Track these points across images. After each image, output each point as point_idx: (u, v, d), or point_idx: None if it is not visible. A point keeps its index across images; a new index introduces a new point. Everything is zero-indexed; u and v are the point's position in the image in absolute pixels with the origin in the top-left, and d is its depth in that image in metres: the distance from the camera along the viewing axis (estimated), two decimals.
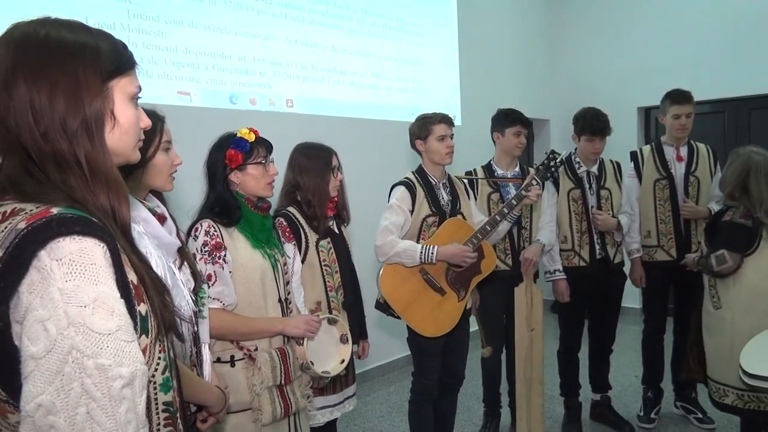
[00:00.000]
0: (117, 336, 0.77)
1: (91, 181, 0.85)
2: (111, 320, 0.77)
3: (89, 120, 0.85)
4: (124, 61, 0.92)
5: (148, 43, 3.08)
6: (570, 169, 3.19)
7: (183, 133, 2.45)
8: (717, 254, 2.54)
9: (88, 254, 0.77)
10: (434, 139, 2.56)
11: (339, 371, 2.04)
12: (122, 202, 0.88)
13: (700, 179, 3.25)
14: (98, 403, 0.74)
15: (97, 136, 0.86)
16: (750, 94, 5.02)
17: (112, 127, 0.89)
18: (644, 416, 3.39)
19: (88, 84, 0.86)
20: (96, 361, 0.74)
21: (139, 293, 0.85)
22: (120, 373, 0.76)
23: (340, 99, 4.05)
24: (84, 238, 0.78)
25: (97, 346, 0.75)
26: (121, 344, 0.77)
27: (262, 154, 1.86)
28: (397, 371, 4.32)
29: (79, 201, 0.83)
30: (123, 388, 0.76)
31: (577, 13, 5.93)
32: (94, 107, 0.86)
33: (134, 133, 0.94)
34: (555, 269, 3.15)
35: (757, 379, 1.96)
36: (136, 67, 0.96)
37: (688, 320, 3.34)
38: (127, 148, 0.94)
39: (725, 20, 5.06)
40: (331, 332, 2.06)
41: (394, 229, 2.46)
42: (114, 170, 0.88)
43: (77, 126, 0.84)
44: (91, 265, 0.77)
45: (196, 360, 1.41)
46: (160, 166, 1.38)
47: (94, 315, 0.75)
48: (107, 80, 0.89)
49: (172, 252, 1.35)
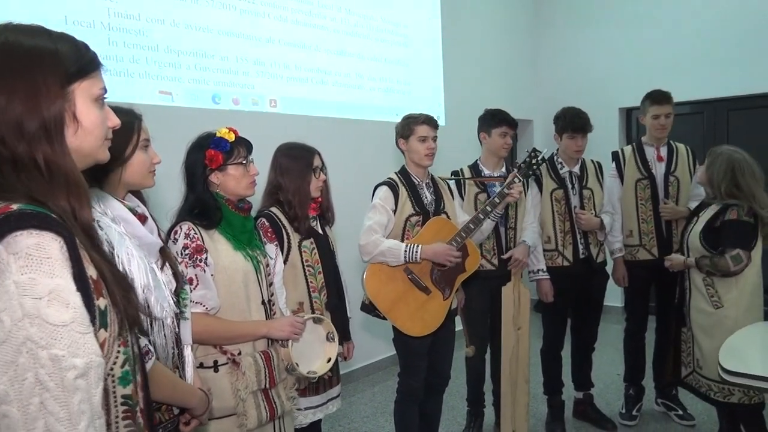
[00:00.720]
0: (71, 327, 0.78)
1: (51, 183, 0.87)
2: (66, 312, 0.78)
3: (48, 123, 0.87)
4: (86, 63, 0.93)
5: (129, 42, 3.04)
6: (552, 170, 3.21)
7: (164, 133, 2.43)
8: (732, 254, 2.55)
9: (44, 248, 0.79)
10: (416, 139, 2.56)
11: (326, 370, 2.02)
12: (83, 204, 0.89)
13: (680, 179, 3.29)
14: (51, 393, 0.76)
15: (57, 138, 0.88)
16: (728, 95, 5.11)
17: (75, 130, 0.91)
18: (626, 413, 3.43)
19: (47, 88, 0.87)
20: (50, 352, 0.76)
21: (98, 288, 0.87)
22: (74, 363, 0.78)
23: (324, 99, 4.03)
24: (41, 232, 0.80)
25: (51, 337, 0.77)
26: (75, 336, 0.79)
27: (242, 154, 1.83)
28: (381, 371, 4.32)
29: (39, 200, 0.85)
30: (77, 379, 0.78)
31: (560, 14, 5.98)
32: (53, 111, 0.87)
33: (99, 134, 0.95)
34: (539, 269, 3.17)
35: (734, 376, 1.99)
36: (100, 68, 0.97)
37: (669, 319, 3.39)
38: (93, 149, 0.95)
39: (705, 23, 5.14)
40: (317, 331, 2.04)
41: (378, 228, 2.46)
42: (75, 172, 0.89)
43: (35, 129, 0.85)
44: (47, 259, 0.79)
45: (178, 362, 1.40)
46: (139, 164, 1.37)
47: (49, 307, 0.77)
48: (68, 84, 0.90)
49: (154, 252, 1.34)
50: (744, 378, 1.98)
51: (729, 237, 2.59)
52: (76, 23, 2.80)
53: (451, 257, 2.47)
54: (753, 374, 1.97)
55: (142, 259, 1.24)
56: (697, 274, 2.72)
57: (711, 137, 5.29)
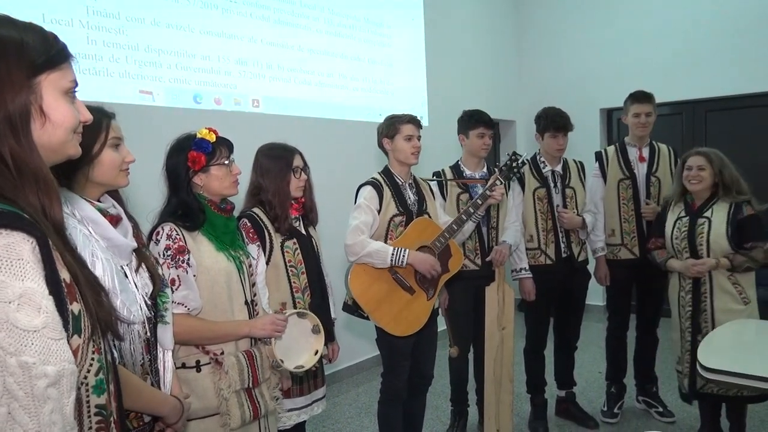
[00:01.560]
0: (43, 333, 0.74)
1: (19, 179, 0.82)
2: (37, 317, 0.74)
3: (13, 116, 0.82)
4: (54, 55, 0.89)
5: (108, 41, 3.00)
6: (535, 169, 3.24)
7: (145, 133, 2.40)
8: (766, 247, 2.62)
9: (15, 249, 0.75)
10: (401, 138, 2.57)
11: (313, 363, 2.01)
12: (53, 201, 0.85)
13: (661, 180, 3.33)
14: (20, 403, 0.72)
15: (23, 132, 0.83)
16: (707, 96, 5.19)
17: (42, 124, 0.86)
18: (608, 411, 3.46)
19: (11, 80, 0.83)
20: (19, 359, 0.72)
21: (72, 292, 0.83)
22: (45, 371, 0.74)
23: (307, 99, 4.02)
24: (11, 232, 0.76)
25: (21, 344, 0.73)
26: (47, 342, 0.75)
27: (224, 154, 1.82)
28: (365, 372, 4.32)
29: (8, 198, 0.80)
30: (48, 388, 0.74)
31: (542, 16, 6.03)
32: (18, 103, 0.83)
33: (68, 128, 0.90)
34: (521, 268, 3.18)
35: (714, 373, 2.02)
36: (70, 59, 0.92)
37: (650, 317, 3.44)
38: (63, 144, 0.90)
39: (685, 26, 5.21)
40: (302, 325, 2.04)
41: (364, 229, 2.45)
42: (43, 168, 0.85)
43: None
44: (18, 261, 0.75)
45: (149, 368, 1.36)
46: (108, 163, 1.32)
47: (19, 311, 0.73)
48: (34, 75, 0.86)
49: (126, 254, 1.30)
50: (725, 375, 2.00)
51: (756, 230, 2.64)
52: (54, 21, 2.76)
53: (434, 271, 2.48)
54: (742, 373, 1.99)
55: (108, 262, 1.20)
56: (721, 274, 2.69)
57: (690, 138, 5.37)
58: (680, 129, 5.44)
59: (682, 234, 2.81)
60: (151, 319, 1.35)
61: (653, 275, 3.18)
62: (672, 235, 2.86)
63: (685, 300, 2.81)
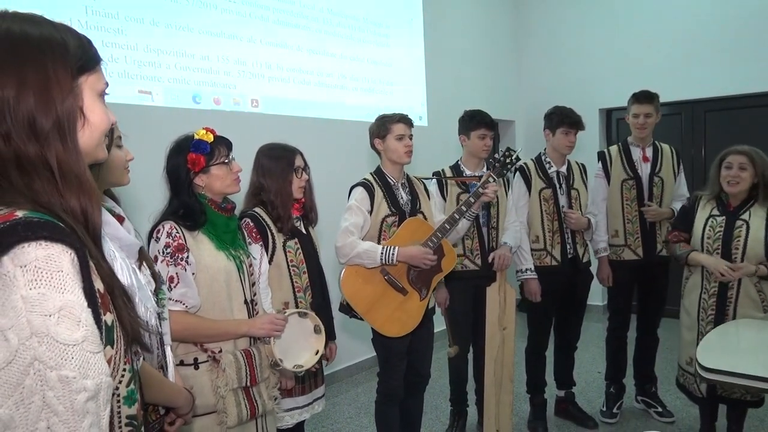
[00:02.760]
0: (83, 347, 0.73)
1: (62, 184, 0.80)
2: (77, 330, 0.73)
3: (62, 119, 0.80)
4: (91, 57, 0.88)
5: (108, 41, 3.00)
6: (541, 169, 3.22)
7: (144, 133, 2.40)
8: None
9: (55, 261, 0.73)
10: (393, 138, 2.56)
11: (313, 363, 2.02)
12: (95, 206, 0.84)
13: (664, 180, 3.33)
14: (60, 418, 0.71)
15: (70, 136, 0.82)
16: (706, 96, 5.19)
17: (83, 126, 0.85)
18: (607, 411, 3.46)
19: (58, 81, 0.81)
20: (59, 373, 0.71)
21: (105, 302, 0.81)
22: (85, 385, 0.73)
23: (306, 99, 4.01)
24: (51, 243, 0.74)
25: (62, 358, 0.72)
26: (86, 355, 0.74)
27: (223, 153, 1.83)
28: (364, 372, 4.31)
29: (44, 206, 0.79)
30: (87, 402, 0.73)
31: (542, 16, 6.03)
32: (67, 106, 0.81)
33: (104, 131, 0.90)
34: (527, 268, 3.16)
35: (714, 373, 2.02)
36: (101, 62, 0.92)
37: (651, 318, 3.43)
38: (98, 147, 0.90)
39: (684, 26, 5.21)
40: (304, 325, 2.04)
41: (354, 230, 2.45)
42: (87, 172, 0.84)
43: (49, 127, 0.79)
44: (58, 273, 0.73)
45: (163, 362, 1.38)
46: (116, 161, 1.36)
47: (59, 325, 0.72)
48: (76, 77, 0.84)
49: (134, 253, 1.31)
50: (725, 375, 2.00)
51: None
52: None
53: (427, 260, 2.47)
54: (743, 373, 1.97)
55: (124, 260, 1.22)
56: (749, 281, 2.60)
57: (689, 138, 5.38)
58: (679, 129, 5.45)
59: (716, 234, 2.69)
60: (160, 314, 1.37)
61: (655, 276, 3.17)
62: (704, 233, 2.72)
63: (708, 303, 2.71)
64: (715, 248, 2.70)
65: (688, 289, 2.84)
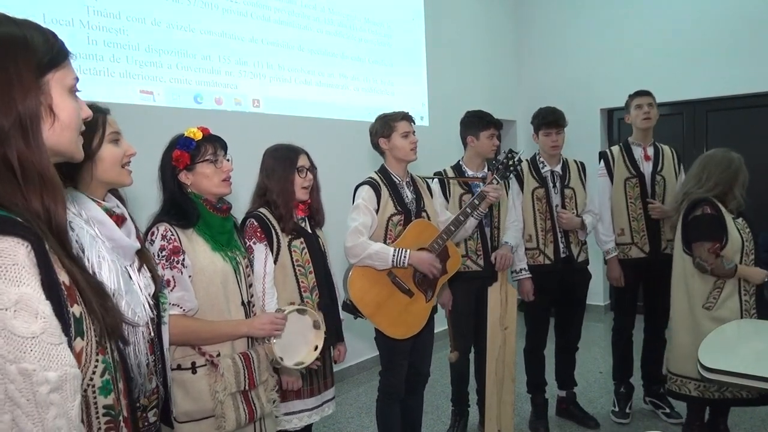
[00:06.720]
0: (42, 339, 0.74)
1: (23, 183, 0.80)
2: (35, 323, 0.74)
3: (23, 118, 0.80)
4: (57, 52, 0.88)
5: (109, 41, 3.00)
6: (534, 169, 3.24)
7: (146, 133, 2.40)
8: None
9: (9, 254, 0.74)
10: (398, 135, 2.56)
11: (313, 359, 2.00)
12: (58, 203, 0.83)
13: (666, 179, 3.33)
14: (23, 410, 0.72)
15: (33, 134, 0.81)
16: (707, 96, 5.19)
17: (51, 124, 0.85)
18: (619, 411, 3.45)
19: (20, 79, 0.81)
20: (19, 366, 0.72)
21: (72, 294, 0.82)
22: (47, 377, 0.73)
23: (307, 99, 4.02)
24: (5, 237, 0.74)
25: (20, 351, 0.72)
26: (47, 347, 0.74)
27: (210, 151, 1.80)
28: (366, 372, 4.32)
29: (2, 204, 0.79)
30: (50, 393, 0.73)
31: (542, 16, 6.03)
32: (28, 104, 0.81)
33: (76, 127, 0.90)
34: (521, 268, 3.18)
35: (714, 373, 2.02)
36: (69, 56, 0.91)
37: (659, 318, 3.41)
38: (71, 144, 0.89)
39: (685, 26, 5.21)
40: (303, 321, 2.03)
41: (364, 230, 2.44)
42: (50, 170, 0.83)
43: (9, 126, 0.79)
44: (12, 266, 0.74)
45: (154, 368, 1.35)
46: (110, 158, 1.32)
47: (17, 318, 0.72)
48: (42, 74, 0.84)
49: (130, 255, 1.29)
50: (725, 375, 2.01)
51: None
52: (55, 21, 2.76)
53: (435, 269, 2.47)
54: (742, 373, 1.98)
55: (113, 263, 1.20)
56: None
57: (690, 138, 5.37)
58: (680, 129, 5.44)
59: (748, 235, 2.70)
60: (154, 319, 1.35)
61: (661, 274, 3.16)
62: (742, 237, 2.68)
63: (750, 304, 2.69)
64: (751, 249, 2.70)
65: (722, 299, 2.69)
